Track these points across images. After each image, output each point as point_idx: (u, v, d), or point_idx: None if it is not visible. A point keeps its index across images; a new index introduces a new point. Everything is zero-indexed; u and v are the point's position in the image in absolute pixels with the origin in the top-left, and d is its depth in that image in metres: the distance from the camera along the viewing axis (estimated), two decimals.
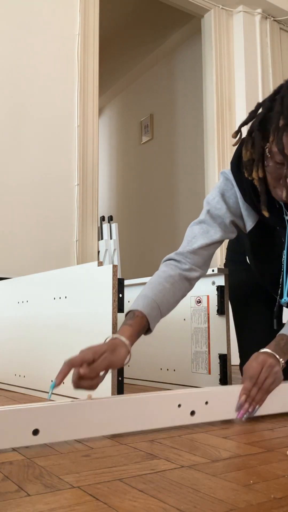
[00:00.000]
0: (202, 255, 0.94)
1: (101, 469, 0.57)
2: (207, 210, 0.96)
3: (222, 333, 1.16)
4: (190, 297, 1.27)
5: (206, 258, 0.95)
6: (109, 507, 0.44)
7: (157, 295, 0.86)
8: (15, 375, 1.29)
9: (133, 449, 0.66)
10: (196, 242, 0.94)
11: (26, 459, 0.61)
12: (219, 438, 0.71)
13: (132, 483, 0.51)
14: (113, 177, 3.79)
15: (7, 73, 1.84)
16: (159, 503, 0.45)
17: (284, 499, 0.46)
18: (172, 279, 0.89)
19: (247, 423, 0.83)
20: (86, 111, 2.01)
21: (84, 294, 1.06)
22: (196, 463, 0.58)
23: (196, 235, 0.95)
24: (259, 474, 0.54)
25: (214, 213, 0.95)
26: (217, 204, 0.95)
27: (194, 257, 0.93)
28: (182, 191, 3.07)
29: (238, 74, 2.53)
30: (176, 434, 0.74)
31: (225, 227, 0.96)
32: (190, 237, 0.96)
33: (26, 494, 0.48)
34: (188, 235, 0.97)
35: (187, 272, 0.92)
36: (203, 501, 0.45)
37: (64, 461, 0.61)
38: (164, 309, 0.88)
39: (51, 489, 0.49)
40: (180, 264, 0.93)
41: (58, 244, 1.88)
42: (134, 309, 0.84)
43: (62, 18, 1.99)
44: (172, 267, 0.92)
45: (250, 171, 0.87)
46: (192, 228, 0.97)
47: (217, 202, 0.95)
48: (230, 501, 0.45)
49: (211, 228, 0.95)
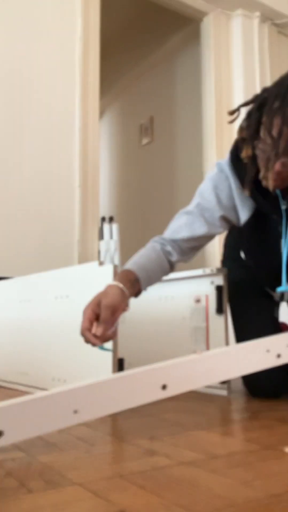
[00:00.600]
0: (183, 247, 0.96)
1: (102, 465, 0.57)
2: (197, 202, 0.96)
3: (221, 332, 1.17)
4: (189, 296, 1.28)
5: (187, 251, 0.96)
6: (110, 503, 0.45)
7: (141, 261, 0.90)
8: (16, 373, 1.30)
9: (134, 446, 0.66)
10: (180, 233, 0.95)
11: (27, 456, 0.62)
12: (218, 435, 0.72)
13: (133, 479, 0.52)
14: (114, 178, 3.80)
15: (8, 75, 1.85)
16: (158, 499, 0.45)
17: (282, 496, 0.46)
18: (157, 252, 0.93)
19: (246, 420, 0.83)
20: (87, 113, 2.02)
21: (85, 293, 1.07)
22: (196, 460, 0.59)
23: (181, 225, 0.96)
24: (258, 471, 0.54)
25: (204, 206, 0.95)
26: (208, 197, 0.95)
27: (175, 246, 0.96)
28: (182, 193, 3.07)
29: (237, 77, 2.54)
30: (175, 431, 0.75)
31: (212, 222, 0.95)
32: (175, 226, 0.97)
33: (27, 491, 0.48)
34: (173, 223, 0.98)
35: (167, 254, 0.95)
36: (202, 497, 0.46)
37: (66, 457, 0.61)
38: (151, 274, 0.91)
39: (52, 486, 0.50)
40: (162, 245, 0.96)
41: (60, 244, 1.89)
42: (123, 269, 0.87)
43: (63, 22, 2.00)
44: (157, 244, 0.96)
45: (242, 149, 0.87)
46: (179, 217, 0.98)
47: (209, 195, 0.95)
48: (229, 497, 0.46)
49: (197, 221, 0.95)
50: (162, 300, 1.36)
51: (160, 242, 0.96)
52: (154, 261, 0.92)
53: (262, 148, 0.82)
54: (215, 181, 0.96)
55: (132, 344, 1.45)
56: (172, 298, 1.33)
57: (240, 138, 0.88)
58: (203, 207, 0.95)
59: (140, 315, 1.43)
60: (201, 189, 0.97)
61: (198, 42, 2.71)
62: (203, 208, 0.95)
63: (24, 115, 1.87)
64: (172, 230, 0.96)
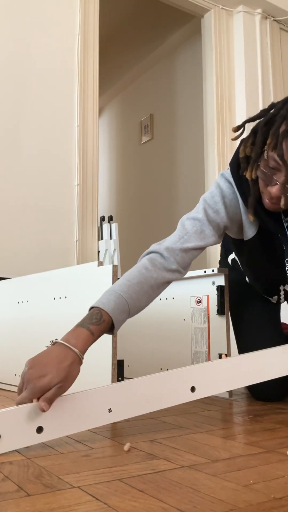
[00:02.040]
0: (192, 256, 0.87)
1: (101, 469, 0.57)
2: (204, 209, 0.90)
3: (222, 333, 1.16)
4: (190, 297, 1.27)
5: (191, 260, 0.88)
6: (109, 507, 0.44)
7: (132, 297, 0.77)
8: (15, 375, 1.29)
9: (133, 449, 0.66)
10: (189, 241, 0.86)
11: (26, 459, 0.61)
12: (219, 438, 0.71)
13: (132, 483, 0.51)
14: (113, 177, 3.79)
15: (6, 73, 1.84)
16: (159, 503, 0.45)
17: (284, 499, 0.46)
18: (154, 281, 0.81)
19: (247, 423, 0.83)
20: (86, 111, 2.01)
21: (84, 294, 1.06)
22: (196, 463, 0.58)
23: (189, 233, 0.87)
24: (259, 474, 0.54)
25: (211, 215, 0.90)
26: (216, 206, 0.90)
27: (184, 256, 0.85)
28: (182, 191, 3.07)
29: (238, 74, 2.53)
30: (176, 434, 0.74)
31: (218, 232, 0.91)
32: (182, 233, 0.87)
33: (26, 494, 0.48)
34: (179, 229, 0.89)
35: (170, 273, 0.84)
36: (203, 501, 0.45)
37: (64, 461, 0.61)
38: (133, 313, 0.79)
39: (51, 489, 0.49)
40: (166, 263, 0.84)
41: (58, 244, 1.88)
42: (102, 309, 0.74)
43: (62, 18, 1.99)
44: (157, 267, 0.83)
45: (244, 169, 0.86)
46: (185, 223, 0.89)
47: (216, 203, 0.90)
48: (230, 501, 0.45)
49: (206, 229, 0.88)
50: (162, 301, 1.35)
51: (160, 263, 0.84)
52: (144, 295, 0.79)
53: (265, 170, 0.81)
54: (224, 192, 0.92)
55: (133, 346, 1.44)
56: (172, 298, 1.32)
57: (244, 156, 0.85)
58: (211, 216, 0.89)
59: (141, 316, 1.43)
60: (207, 198, 0.92)
61: (199, 39, 2.70)
62: (210, 217, 0.89)
63: (22, 113, 1.86)
64: (180, 236, 0.87)
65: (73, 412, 0.66)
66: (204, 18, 2.57)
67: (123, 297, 0.76)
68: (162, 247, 0.86)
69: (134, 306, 0.78)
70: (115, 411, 0.68)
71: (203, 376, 0.75)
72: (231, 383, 0.78)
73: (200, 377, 0.74)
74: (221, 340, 1.17)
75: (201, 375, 0.75)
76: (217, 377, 0.76)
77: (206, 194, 0.95)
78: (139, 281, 0.79)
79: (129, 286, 0.78)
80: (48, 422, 0.64)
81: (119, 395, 0.69)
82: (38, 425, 0.64)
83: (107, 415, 0.68)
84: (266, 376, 0.81)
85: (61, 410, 0.65)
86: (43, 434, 0.65)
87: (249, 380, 0.80)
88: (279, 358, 0.83)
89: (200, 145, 2.78)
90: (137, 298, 0.78)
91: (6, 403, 1.07)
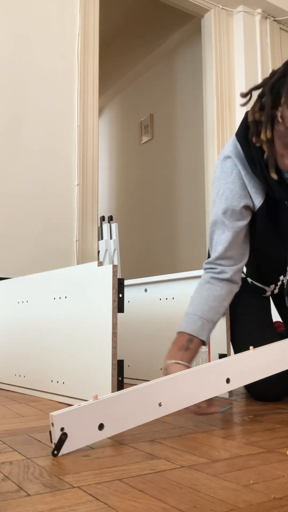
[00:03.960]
0: (230, 255, 0.94)
1: (101, 469, 0.57)
2: (217, 207, 0.94)
3: (222, 333, 1.16)
4: (190, 297, 1.27)
5: (236, 254, 0.95)
6: (109, 507, 0.44)
7: (207, 315, 0.90)
8: (15, 375, 1.29)
9: (133, 449, 0.66)
10: (217, 248, 0.94)
11: (26, 459, 0.61)
12: (219, 438, 0.71)
13: (132, 483, 0.51)
14: (113, 177, 3.79)
15: (6, 73, 1.84)
16: (159, 503, 0.45)
17: (284, 499, 0.46)
18: (218, 297, 0.92)
19: (247, 423, 0.83)
20: (86, 111, 2.01)
21: (84, 294, 1.06)
22: (196, 463, 0.58)
23: (215, 239, 0.95)
24: (259, 474, 0.54)
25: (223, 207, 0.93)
26: (222, 197, 0.93)
27: (224, 261, 0.94)
28: (182, 191, 3.07)
29: (238, 74, 2.53)
30: (176, 434, 0.74)
31: (237, 218, 0.93)
32: (213, 242, 0.96)
33: (26, 494, 0.48)
34: (210, 239, 0.98)
35: (222, 275, 0.94)
36: (203, 501, 0.45)
37: (64, 461, 0.61)
38: (216, 321, 0.93)
39: (51, 489, 0.49)
40: (216, 273, 0.95)
41: (58, 244, 1.88)
42: (195, 336, 0.88)
43: (62, 18, 1.99)
44: (213, 282, 0.94)
45: (254, 132, 0.85)
46: (211, 231, 0.97)
47: (222, 194, 0.93)
48: (230, 501, 0.45)
49: (224, 228, 0.94)
50: (162, 301, 1.35)
51: (211, 275, 0.95)
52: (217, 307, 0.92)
53: (284, 131, 0.80)
54: (224, 178, 0.94)
55: (133, 346, 1.44)
56: (172, 298, 1.32)
57: (253, 120, 0.86)
58: (224, 209, 0.93)
59: (141, 316, 1.43)
60: (214, 193, 0.96)
61: (199, 39, 2.69)
62: (225, 210, 0.93)
63: (22, 112, 1.86)
64: (212, 247, 0.96)
65: (129, 407, 0.69)
66: (204, 18, 2.57)
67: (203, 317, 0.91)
68: (211, 259, 0.96)
69: (215, 318, 0.92)
70: (165, 405, 0.71)
71: (237, 367, 0.80)
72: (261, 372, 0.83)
73: (235, 369, 0.80)
74: (221, 340, 1.17)
75: (235, 366, 0.80)
76: (248, 368, 0.82)
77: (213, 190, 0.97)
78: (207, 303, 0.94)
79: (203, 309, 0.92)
80: (108, 419, 0.67)
81: (167, 389, 0.73)
82: (100, 422, 0.67)
83: (158, 409, 0.71)
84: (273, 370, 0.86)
85: (119, 407, 0.68)
86: (104, 430, 0.67)
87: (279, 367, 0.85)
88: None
89: (200, 145, 2.78)
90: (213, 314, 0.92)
91: (6, 403, 1.07)
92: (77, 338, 1.07)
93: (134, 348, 1.43)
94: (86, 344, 1.03)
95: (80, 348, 1.05)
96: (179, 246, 3.02)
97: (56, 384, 1.11)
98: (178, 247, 3.03)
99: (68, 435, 0.64)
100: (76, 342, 1.06)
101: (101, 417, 0.67)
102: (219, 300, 0.92)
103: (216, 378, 0.77)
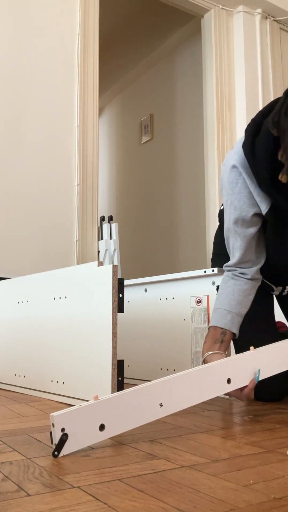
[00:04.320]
0: (248, 259, 0.99)
1: (101, 469, 0.57)
2: (228, 217, 0.97)
3: None
4: (190, 297, 1.27)
5: (253, 258, 0.99)
6: (109, 507, 0.44)
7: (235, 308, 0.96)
8: (15, 375, 1.29)
9: (133, 449, 0.66)
10: (235, 254, 0.99)
11: (26, 459, 0.61)
12: (219, 438, 0.71)
13: (132, 483, 0.51)
14: (113, 177, 3.79)
15: (6, 73, 1.84)
16: (159, 503, 0.45)
17: (284, 499, 0.46)
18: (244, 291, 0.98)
19: (247, 423, 0.83)
20: (86, 111, 2.01)
21: (84, 294, 1.06)
22: (196, 463, 0.58)
23: (231, 245, 1.00)
24: (259, 474, 0.54)
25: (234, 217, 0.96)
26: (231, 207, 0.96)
27: (242, 265, 0.99)
28: (182, 191, 3.07)
29: (238, 74, 2.53)
30: (176, 434, 0.74)
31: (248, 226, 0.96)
32: (229, 248, 1.01)
33: (26, 494, 0.48)
34: (226, 243, 1.02)
35: (243, 275, 0.99)
36: (203, 501, 0.45)
37: (64, 461, 0.61)
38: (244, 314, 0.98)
39: (51, 489, 0.49)
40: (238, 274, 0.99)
41: (58, 244, 1.88)
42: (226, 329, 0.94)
43: (62, 18, 1.99)
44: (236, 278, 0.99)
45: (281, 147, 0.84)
46: (226, 237, 1.01)
47: (231, 204, 0.96)
48: (230, 501, 0.45)
49: (237, 236, 0.98)
50: (162, 301, 1.35)
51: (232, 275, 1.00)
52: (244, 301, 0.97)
53: None
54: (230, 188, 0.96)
55: (133, 346, 1.44)
56: (172, 298, 1.32)
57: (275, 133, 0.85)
58: (235, 218, 0.96)
59: (141, 316, 1.43)
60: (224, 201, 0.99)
61: (199, 39, 2.69)
62: (236, 219, 0.96)
63: (22, 112, 1.86)
64: (230, 253, 1.01)
65: (130, 408, 0.69)
66: (204, 18, 2.57)
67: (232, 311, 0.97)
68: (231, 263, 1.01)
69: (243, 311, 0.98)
70: (166, 406, 0.72)
71: (238, 368, 0.81)
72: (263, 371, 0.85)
73: (235, 370, 0.81)
74: None
75: (236, 366, 0.81)
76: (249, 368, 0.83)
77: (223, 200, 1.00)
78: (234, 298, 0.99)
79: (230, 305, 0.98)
80: (110, 419, 0.67)
81: (169, 390, 0.73)
82: (100, 422, 0.67)
83: (159, 410, 0.71)
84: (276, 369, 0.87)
85: (120, 407, 0.68)
86: (106, 431, 0.67)
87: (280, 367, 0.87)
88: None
89: (200, 145, 2.78)
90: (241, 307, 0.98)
91: (6, 403, 1.07)
92: (77, 338, 1.07)
93: (134, 348, 1.43)
94: (86, 344, 1.03)
95: (80, 348, 1.05)
96: (179, 246, 3.02)
97: (56, 384, 1.11)
98: (178, 247, 3.03)
99: (69, 435, 0.64)
100: (76, 342, 1.06)
101: (102, 417, 0.67)
102: (244, 294, 0.97)
103: (217, 378, 0.78)
